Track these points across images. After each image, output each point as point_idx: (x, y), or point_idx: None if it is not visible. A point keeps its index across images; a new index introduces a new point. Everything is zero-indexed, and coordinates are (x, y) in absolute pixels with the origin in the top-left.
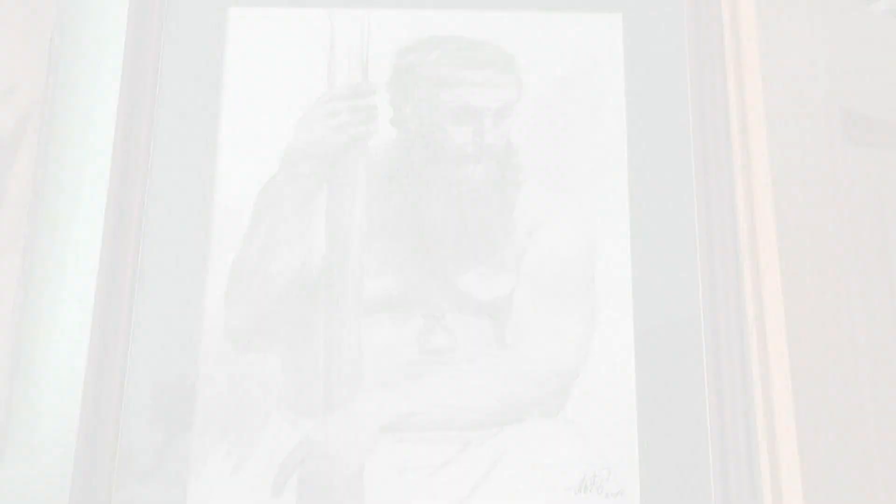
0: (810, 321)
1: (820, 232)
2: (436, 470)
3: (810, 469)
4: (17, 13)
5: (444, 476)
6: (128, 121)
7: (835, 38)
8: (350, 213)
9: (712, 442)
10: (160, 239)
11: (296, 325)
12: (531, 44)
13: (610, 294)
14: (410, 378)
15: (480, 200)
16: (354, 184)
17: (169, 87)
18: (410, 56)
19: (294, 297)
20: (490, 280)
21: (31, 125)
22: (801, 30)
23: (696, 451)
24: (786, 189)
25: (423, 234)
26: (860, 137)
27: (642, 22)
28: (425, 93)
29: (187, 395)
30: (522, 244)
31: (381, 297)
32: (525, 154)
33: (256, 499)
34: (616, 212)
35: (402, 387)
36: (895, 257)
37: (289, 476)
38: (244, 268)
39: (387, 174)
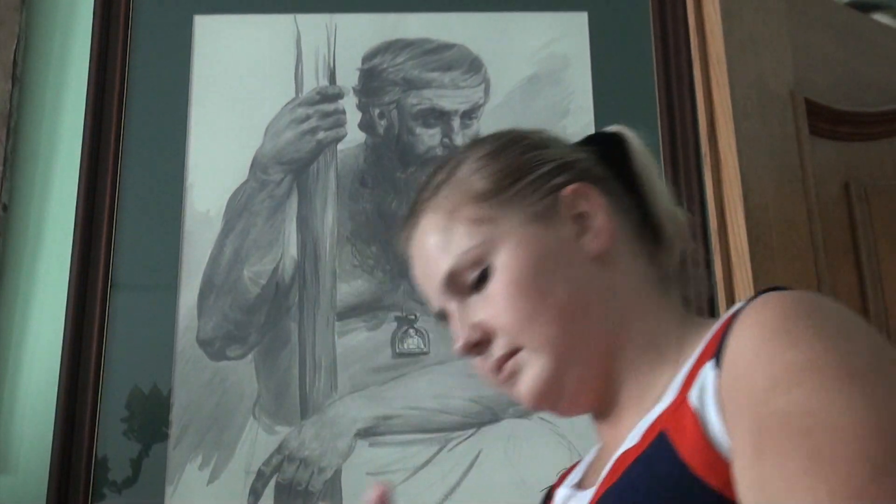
0: None
1: (788, 222)
2: (413, 472)
3: None
4: None
5: (422, 478)
6: (96, 131)
7: (799, 32)
8: (321, 218)
9: None
10: (131, 249)
11: (269, 331)
12: (497, 44)
13: None
14: (385, 381)
15: None
16: (325, 189)
17: (136, 97)
18: (377, 59)
19: (267, 303)
20: None
21: None
22: (766, 24)
23: None
24: (754, 182)
25: (394, 237)
26: (825, 130)
27: (608, 19)
28: (393, 96)
29: (163, 404)
30: None
31: (353, 302)
32: None
33: None
34: None
35: (377, 390)
36: (861, 245)
37: (266, 483)
38: (216, 275)
39: (357, 178)
